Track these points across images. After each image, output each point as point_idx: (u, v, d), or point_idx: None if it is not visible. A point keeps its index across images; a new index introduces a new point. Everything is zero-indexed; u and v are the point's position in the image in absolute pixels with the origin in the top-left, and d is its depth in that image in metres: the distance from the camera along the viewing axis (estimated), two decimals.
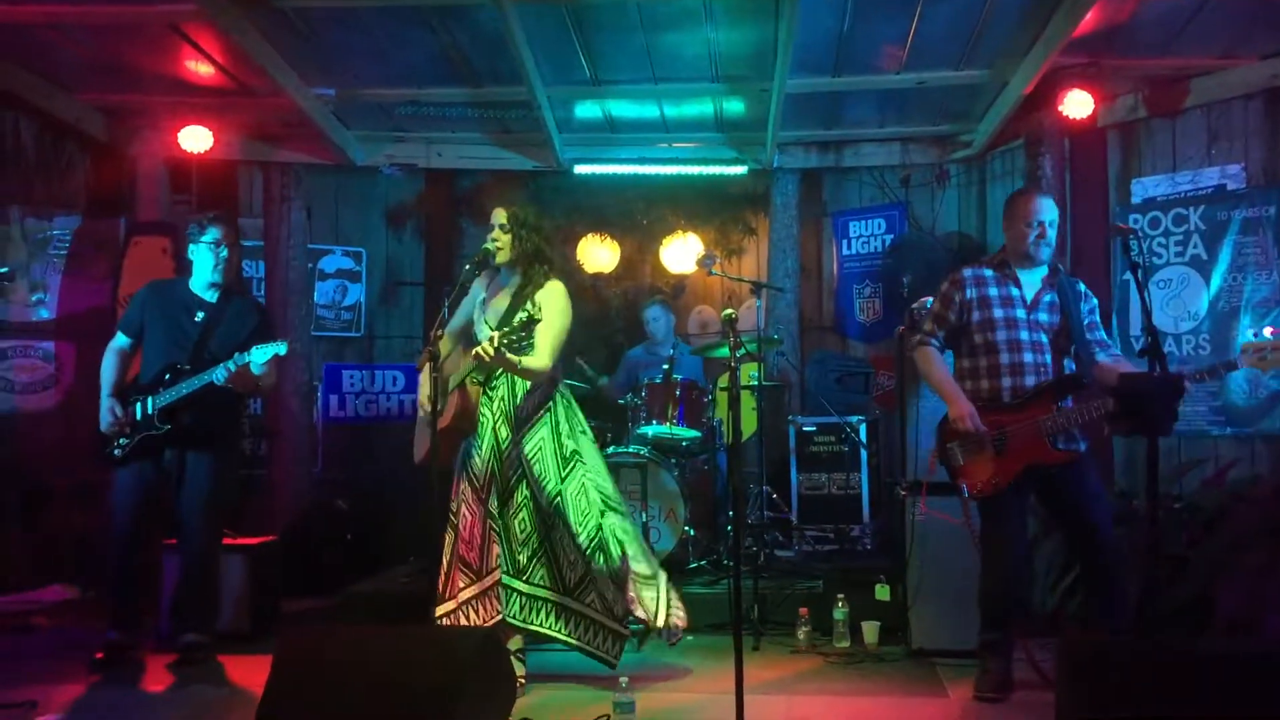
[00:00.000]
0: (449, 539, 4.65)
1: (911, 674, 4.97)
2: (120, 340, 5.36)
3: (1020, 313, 4.52)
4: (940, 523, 5.23)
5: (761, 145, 7.63)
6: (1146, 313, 4.07)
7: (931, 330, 4.71)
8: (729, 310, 4.29)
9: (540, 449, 4.56)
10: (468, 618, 4.53)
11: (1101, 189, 6.91)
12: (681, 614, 4.68)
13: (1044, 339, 4.51)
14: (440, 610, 4.57)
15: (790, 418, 7.19)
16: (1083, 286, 4.64)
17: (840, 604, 5.44)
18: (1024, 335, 4.49)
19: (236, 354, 5.00)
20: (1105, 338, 4.61)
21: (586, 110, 7.39)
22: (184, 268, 5.50)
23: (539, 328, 4.38)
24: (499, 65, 6.45)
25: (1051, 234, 4.52)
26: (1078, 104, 6.42)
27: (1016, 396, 4.45)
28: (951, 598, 5.18)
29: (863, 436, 6.88)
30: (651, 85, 6.87)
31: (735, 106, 7.28)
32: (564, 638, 4.55)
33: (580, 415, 4.80)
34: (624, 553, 4.51)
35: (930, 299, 5.52)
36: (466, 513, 4.61)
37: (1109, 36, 6.01)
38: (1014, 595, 4.56)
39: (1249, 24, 5.85)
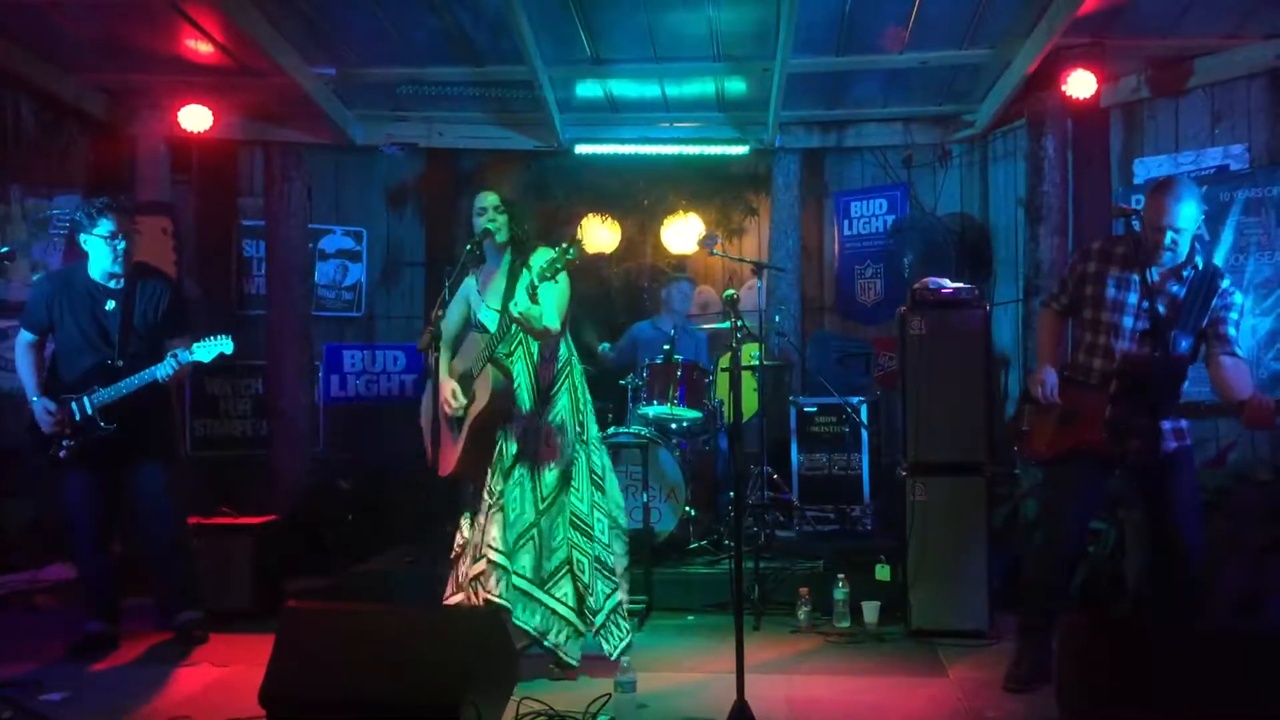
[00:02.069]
0: (464, 524, 4.70)
1: (911, 654, 4.99)
2: (27, 337, 5.16)
3: (1132, 298, 4.30)
4: (941, 503, 5.26)
5: (763, 125, 7.61)
6: (1149, 294, 4.06)
7: (1055, 294, 4.68)
8: (730, 290, 4.29)
9: (552, 426, 4.58)
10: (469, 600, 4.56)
11: (1104, 169, 6.88)
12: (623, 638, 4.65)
13: (1149, 329, 4.26)
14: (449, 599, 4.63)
15: (791, 398, 7.19)
16: (1225, 283, 4.31)
17: (841, 584, 5.46)
18: (1128, 322, 4.31)
19: (181, 351, 4.90)
20: (1228, 335, 4.28)
21: (588, 90, 7.36)
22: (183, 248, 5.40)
23: (540, 294, 4.42)
24: (500, 44, 6.43)
25: (1182, 243, 4.22)
26: (1081, 84, 6.38)
27: (1102, 379, 4.30)
28: (952, 578, 5.22)
29: (864, 417, 6.88)
30: (653, 64, 6.84)
31: (737, 86, 7.26)
32: (530, 631, 4.47)
33: (588, 394, 4.83)
34: (608, 542, 4.64)
35: (932, 279, 5.54)
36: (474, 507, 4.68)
37: (1112, 16, 5.98)
38: (1062, 579, 4.45)
39: (1254, 3, 5.82)
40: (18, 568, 6.51)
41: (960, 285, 5.46)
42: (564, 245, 4.23)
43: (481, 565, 4.51)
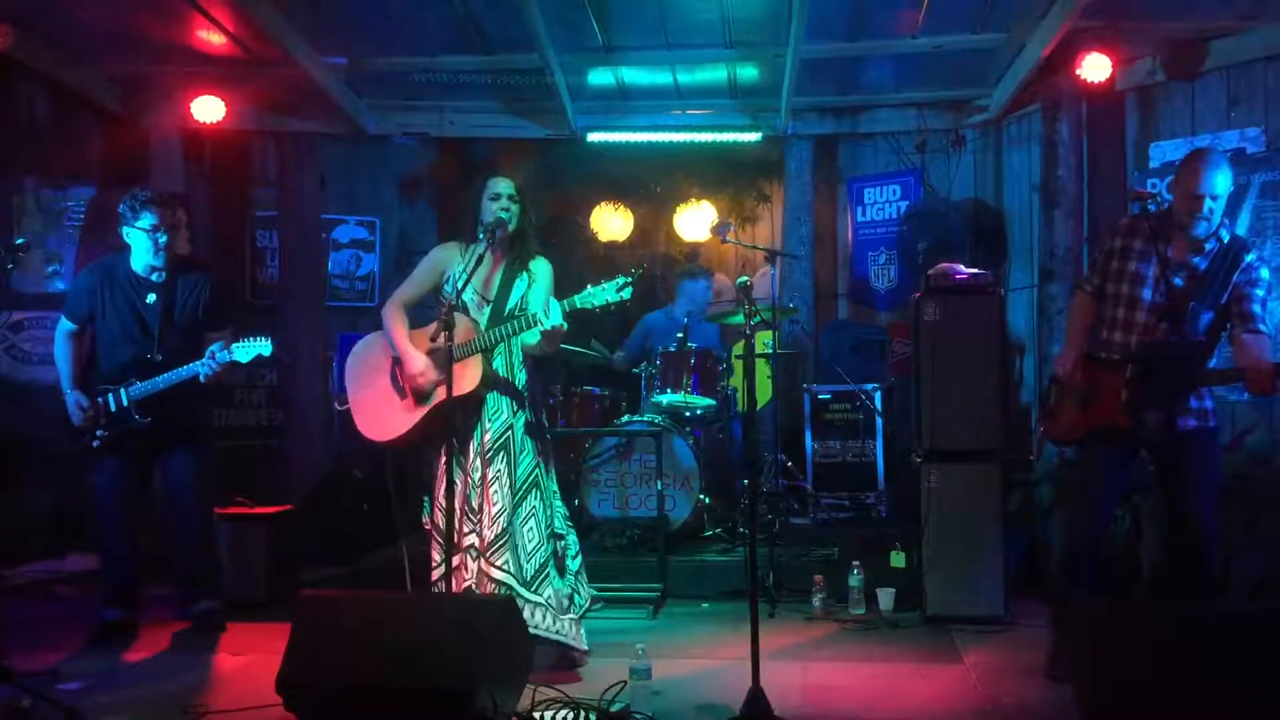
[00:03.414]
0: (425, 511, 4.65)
1: (927, 641, 4.99)
2: (67, 326, 5.20)
3: (1151, 271, 4.24)
4: (956, 490, 5.24)
5: (776, 111, 7.58)
6: (1166, 278, 4.04)
7: (1089, 276, 4.62)
8: (744, 277, 4.28)
9: (528, 422, 4.54)
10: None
11: (1119, 153, 6.84)
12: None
13: (1168, 303, 4.21)
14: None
15: (805, 385, 7.16)
16: (1251, 257, 4.20)
17: (856, 571, 5.46)
18: (1146, 294, 4.25)
19: (220, 351, 4.94)
20: (1253, 312, 4.17)
21: (599, 77, 7.35)
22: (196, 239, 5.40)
23: (531, 295, 4.45)
24: (512, 32, 6.42)
25: (1217, 210, 4.16)
26: (1095, 67, 6.34)
27: (1121, 353, 4.26)
28: (966, 565, 5.21)
29: (877, 404, 6.87)
30: (665, 52, 6.82)
31: (749, 72, 7.24)
32: (531, 629, 4.32)
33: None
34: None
35: (946, 265, 5.52)
36: (443, 482, 4.42)
37: None
38: (1088, 564, 4.33)
39: None
40: (38, 557, 6.55)
41: (975, 271, 5.45)
42: (619, 282, 4.14)
43: (455, 561, 4.43)
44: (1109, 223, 6.69)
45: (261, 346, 5.00)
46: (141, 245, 5.10)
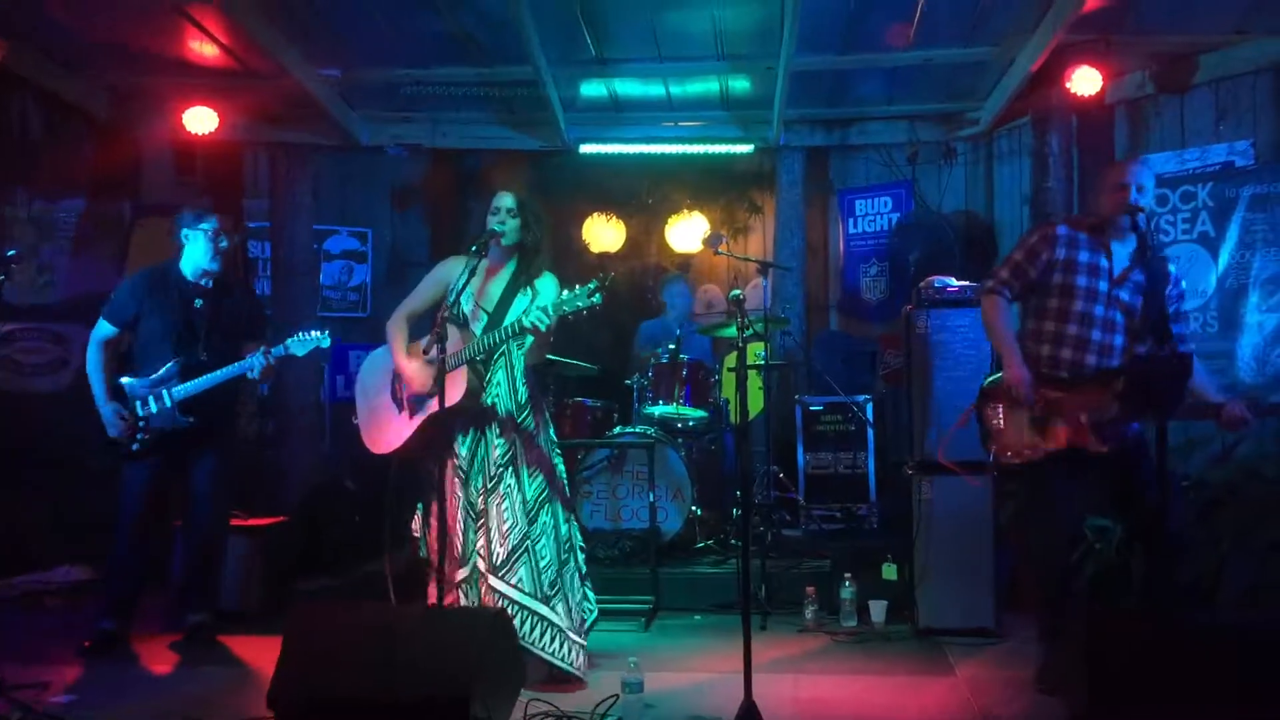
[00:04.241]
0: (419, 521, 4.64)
1: (919, 653, 4.99)
2: (106, 330, 5.19)
3: (1103, 286, 4.26)
4: (948, 501, 5.25)
5: (767, 123, 7.60)
6: (1158, 292, 4.06)
7: (1006, 280, 4.42)
8: (736, 290, 4.28)
9: (532, 440, 4.51)
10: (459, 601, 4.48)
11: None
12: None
13: (1118, 318, 4.26)
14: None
15: (797, 397, 7.18)
16: (1173, 268, 4.34)
17: (847, 583, 5.46)
18: (1099, 310, 4.25)
19: (275, 346, 5.04)
20: (1184, 330, 4.31)
21: (592, 89, 7.37)
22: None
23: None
24: (504, 45, 6.43)
25: (1146, 199, 4.25)
26: (1085, 81, 6.37)
27: (1072, 371, 4.25)
28: (958, 577, 5.22)
29: (869, 415, 6.88)
30: (657, 64, 6.84)
31: (741, 85, 7.26)
32: (538, 652, 4.31)
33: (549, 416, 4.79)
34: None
35: (937, 278, 5.53)
36: (452, 497, 4.48)
37: (1117, 12, 5.97)
38: (1068, 578, 4.32)
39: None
40: (28, 569, 6.53)
41: (965, 284, 5.46)
42: (591, 287, 4.07)
43: (465, 572, 4.45)
44: None
45: (319, 339, 5.08)
46: (200, 247, 5.20)
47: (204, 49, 6.50)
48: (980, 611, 5.20)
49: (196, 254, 5.22)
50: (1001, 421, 4.37)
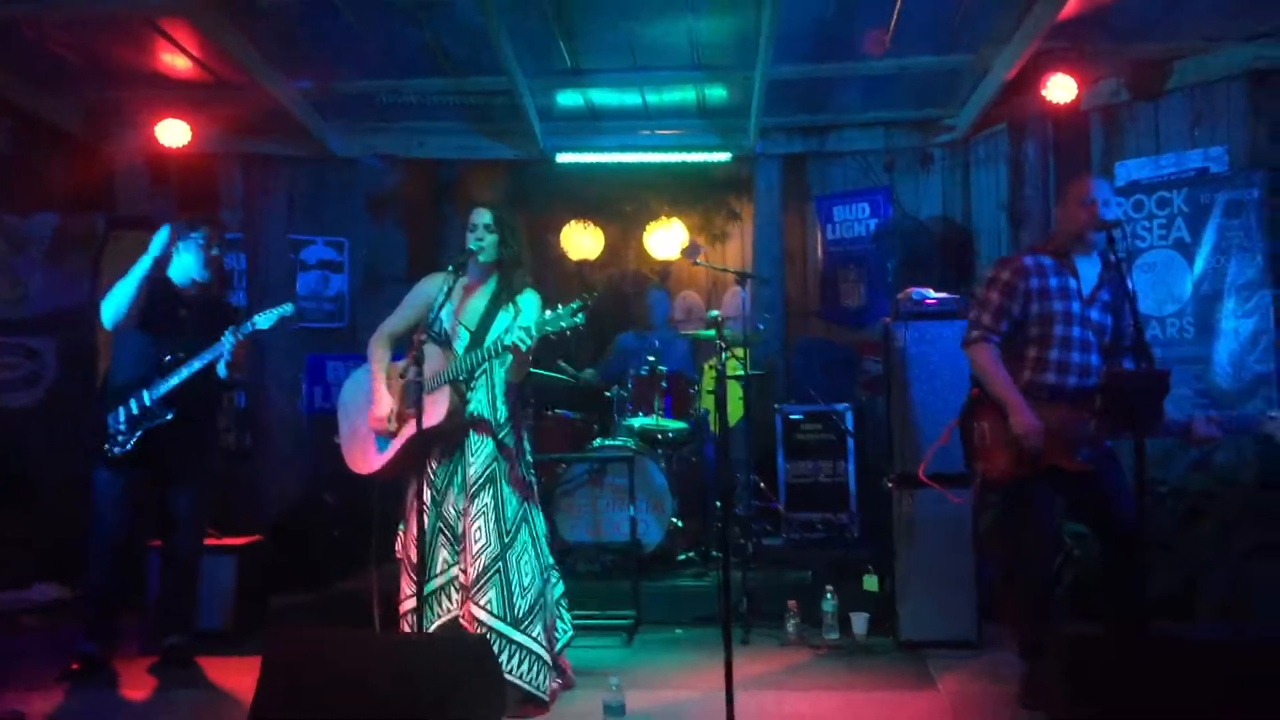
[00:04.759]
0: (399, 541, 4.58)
1: (900, 666, 4.97)
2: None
3: (1075, 307, 4.25)
4: (928, 513, 5.24)
5: (744, 131, 7.60)
6: (1133, 308, 4.07)
7: (992, 325, 4.33)
8: (714, 311, 4.27)
9: (511, 459, 4.46)
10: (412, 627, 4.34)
11: (1085, 172, 6.86)
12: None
13: (1091, 338, 4.25)
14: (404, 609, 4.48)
15: (776, 406, 7.17)
16: (1131, 285, 4.30)
17: (829, 596, 5.45)
18: (1075, 332, 4.24)
19: (244, 324, 4.98)
20: (1144, 344, 4.24)
21: (568, 99, 7.34)
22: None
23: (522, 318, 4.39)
24: (480, 56, 6.41)
25: (1104, 211, 4.23)
26: (1060, 88, 6.39)
27: (1053, 393, 4.22)
28: (939, 588, 5.21)
29: (849, 424, 6.88)
30: (633, 74, 6.84)
31: (718, 93, 7.26)
32: (509, 677, 4.21)
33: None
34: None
35: (916, 290, 5.51)
36: (416, 515, 4.35)
37: (1092, 21, 5.99)
38: (1051, 594, 4.28)
39: (1233, 7, 5.84)
40: (3, 587, 6.47)
41: (944, 296, 5.45)
42: (574, 307, 4.02)
43: (431, 586, 4.39)
44: None
45: (282, 309, 5.00)
46: (191, 257, 5.17)
47: (176, 62, 6.46)
48: (962, 623, 5.19)
49: (186, 263, 5.18)
50: (986, 439, 4.33)
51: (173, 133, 7.00)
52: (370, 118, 7.61)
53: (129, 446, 5.00)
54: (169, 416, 5.01)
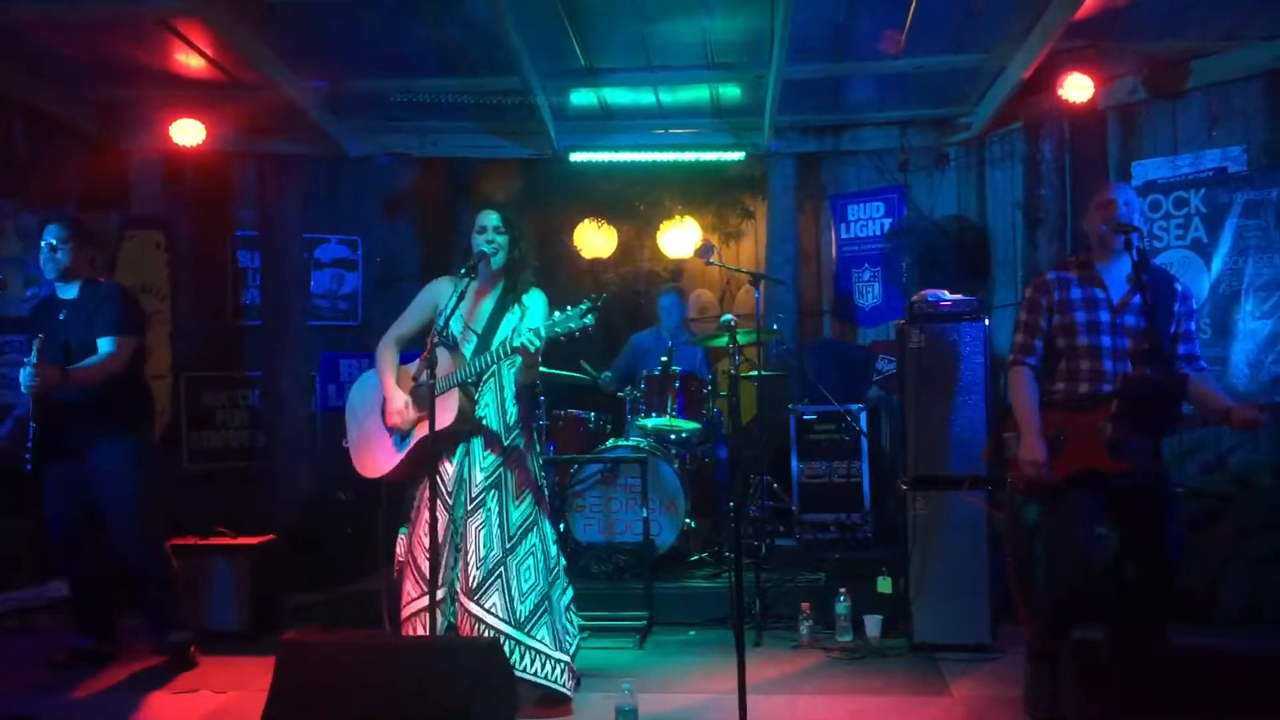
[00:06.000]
0: (403, 542, 4.56)
1: (914, 670, 4.95)
2: None
3: (1104, 315, 4.17)
4: (942, 514, 5.22)
5: (759, 130, 7.56)
6: (1149, 312, 4.03)
7: (1026, 345, 4.32)
8: (728, 315, 4.25)
9: (521, 462, 4.45)
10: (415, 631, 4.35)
11: (1102, 172, 6.84)
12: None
13: (1127, 345, 4.15)
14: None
15: (790, 406, 7.15)
16: (1180, 286, 4.23)
17: (843, 598, 5.42)
18: (1106, 341, 4.15)
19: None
20: (1196, 350, 4.22)
21: (581, 98, 7.33)
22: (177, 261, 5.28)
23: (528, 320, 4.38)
24: (493, 55, 6.39)
25: (1132, 215, 4.17)
26: (1077, 87, 6.35)
27: (1093, 403, 4.12)
28: (954, 591, 5.19)
29: (863, 425, 6.86)
30: (647, 73, 6.81)
31: (732, 93, 7.23)
32: (523, 675, 4.21)
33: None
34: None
35: (930, 291, 5.48)
36: (426, 516, 4.29)
37: (1109, 19, 5.94)
38: (1079, 600, 4.15)
39: (1251, 5, 5.79)
40: (20, 585, 6.48)
41: (959, 298, 5.42)
42: (583, 308, 3.99)
43: (443, 592, 4.33)
44: None
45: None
46: (42, 259, 5.06)
47: (190, 62, 6.46)
48: (976, 626, 5.16)
49: (44, 267, 5.09)
50: (1017, 450, 4.24)
51: (187, 132, 7.02)
52: (384, 117, 7.61)
53: (28, 444, 4.84)
54: (58, 365, 4.78)
